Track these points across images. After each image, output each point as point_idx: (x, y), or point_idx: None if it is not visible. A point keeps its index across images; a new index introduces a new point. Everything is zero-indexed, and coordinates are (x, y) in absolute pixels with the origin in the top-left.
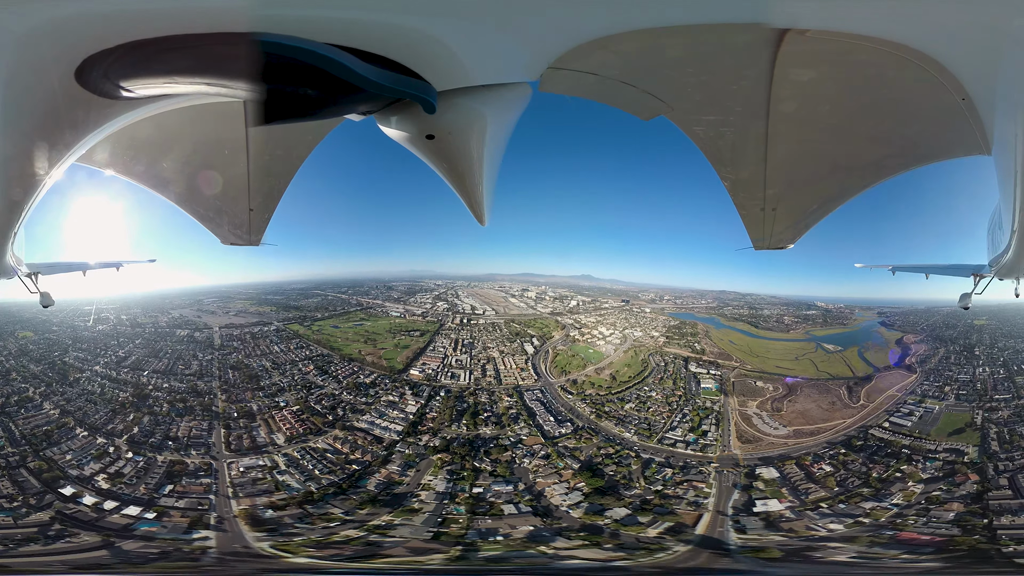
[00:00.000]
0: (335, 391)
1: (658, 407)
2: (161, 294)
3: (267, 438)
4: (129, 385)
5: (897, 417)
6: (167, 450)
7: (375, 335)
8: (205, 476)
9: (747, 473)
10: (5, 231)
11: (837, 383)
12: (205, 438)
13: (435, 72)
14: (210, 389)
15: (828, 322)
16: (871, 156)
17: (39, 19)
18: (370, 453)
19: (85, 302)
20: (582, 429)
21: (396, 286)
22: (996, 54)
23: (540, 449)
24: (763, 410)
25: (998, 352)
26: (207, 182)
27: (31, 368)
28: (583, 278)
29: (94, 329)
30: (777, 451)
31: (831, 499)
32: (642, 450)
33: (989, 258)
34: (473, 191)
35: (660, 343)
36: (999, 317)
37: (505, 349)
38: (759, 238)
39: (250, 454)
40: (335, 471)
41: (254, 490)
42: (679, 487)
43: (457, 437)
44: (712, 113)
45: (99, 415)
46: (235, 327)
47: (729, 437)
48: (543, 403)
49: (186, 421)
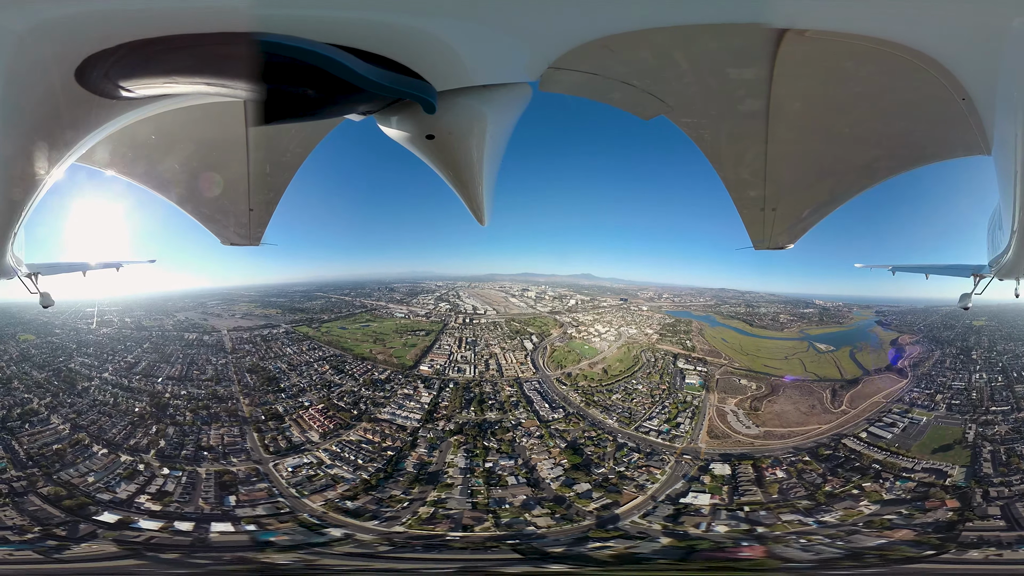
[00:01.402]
0: (354, 388)
1: (642, 399)
2: (163, 295)
3: (302, 437)
4: (144, 394)
5: (878, 427)
6: (205, 461)
7: (383, 335)
8: (260, 480)
9: (702, 467)
10: (5, 231)
11: (823, 385)
12: (240, 444)
13: (435, 72)
14: (231, 394)
15: (824, 321)
16: (871, 156)
17: (39, 19)
18: (399, 440)
19: (86, 303)
20: (572, 415)
21: (398, 287)
22: (996, 54)
23: (536, 431)
24: (741, 408)
25: (996, 356)
26: (207, 182)
27: (34, 375)
28: (583, 277)
29: (98, 332)
30: (740, 449)
31: (759, 505)
32: (619, 435)
33: (989, 258)
34: (473, 191)
35: (653, 340)
36: (999, 318)
37: (506, 346)
38: (759, 238)
39: (291, 454)
40: (375, 459)
41: (316, 486)
42: (638, 471)
43: (468, 421)
44: (712, 113)
45: (116, 429)
46: (244, 330)
47: (700, 431)
48: (540, 392)
49: (215, 429)
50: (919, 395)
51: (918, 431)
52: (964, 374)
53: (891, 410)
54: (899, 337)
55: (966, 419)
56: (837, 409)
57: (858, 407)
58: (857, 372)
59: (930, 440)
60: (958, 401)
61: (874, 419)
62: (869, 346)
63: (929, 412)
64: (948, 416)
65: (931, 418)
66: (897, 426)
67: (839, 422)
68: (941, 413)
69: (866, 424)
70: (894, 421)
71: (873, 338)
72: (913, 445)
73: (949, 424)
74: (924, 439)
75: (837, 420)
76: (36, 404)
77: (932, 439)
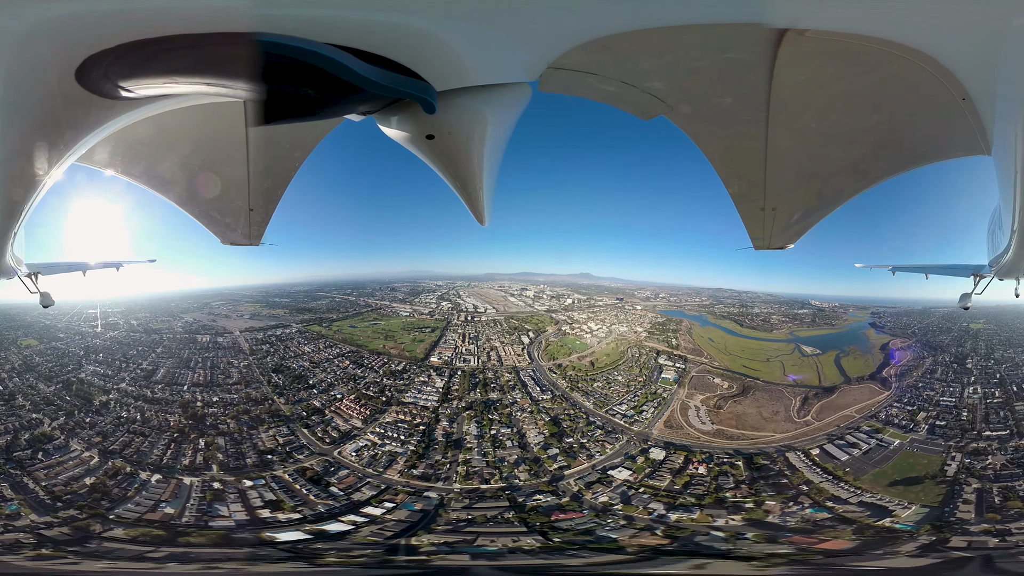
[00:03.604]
0: (376, 379)
1: (619, 388)
2: (164, 296)
3: (348, 425)
4: (174, 405)
5: (837, 445)
6: (277, 465)
7: (392, 333)
8: (338, 468)
9: (643, 449)
10: (5, 231)
11: (796, 391)
12: (295, 440)
13: (435, 72)
14: (264, 395)
15: (816, 322)
16: (871, 156)
17: (39, 19)
18: (425, 417)
19: (87, 303)
20: (558, 396)
21: (399, 287)
22: (996, 54)
23: (528, 407)
24: (704, 405)
25: (994, 366)
26: (207, 182)
27: (41, 389)
28: (582, 276)
29: (105, 336)
30: (685, 441)
31: (653, 490)
32: (591, 415)
33: (989, 258)
34: (473, 191)
35: (641, 337)
36: (998, 320)
37: (505, 340)
38: (759, 238)
39: (345, 441)
40: (413, 433)
41: (382, 463)
42: (595, 444)
43: (475, 400)
44: (712, 113)
45: (158, 449)
46: (256, 330)
47: (659, 420)
48: (533, 379)
49: (264, 431)
50: (898, 412)
51: (883, 456)
52: (956, 387)
53: (860, 427)
54: (890, 341)
55: (950, 446)
56: (800, 419)
57: (824, 419)
58: (838, 379)
59: (894, 469)
60: (943, 422)
61: (836, 435)
62: (857, 350)
63: (905, 434)
64: (927, 441)
65: (905, 441)
66: (859, 447)
67: (795, 433)
68: (920, 436)
69: (825, 440)
70: (857, 441)
71: (864, 341)
72: (868, 472)
73: (926, 451)
74: (887, 467)
75: (795, 431)
76: (48, 426)
77: (898, 468)
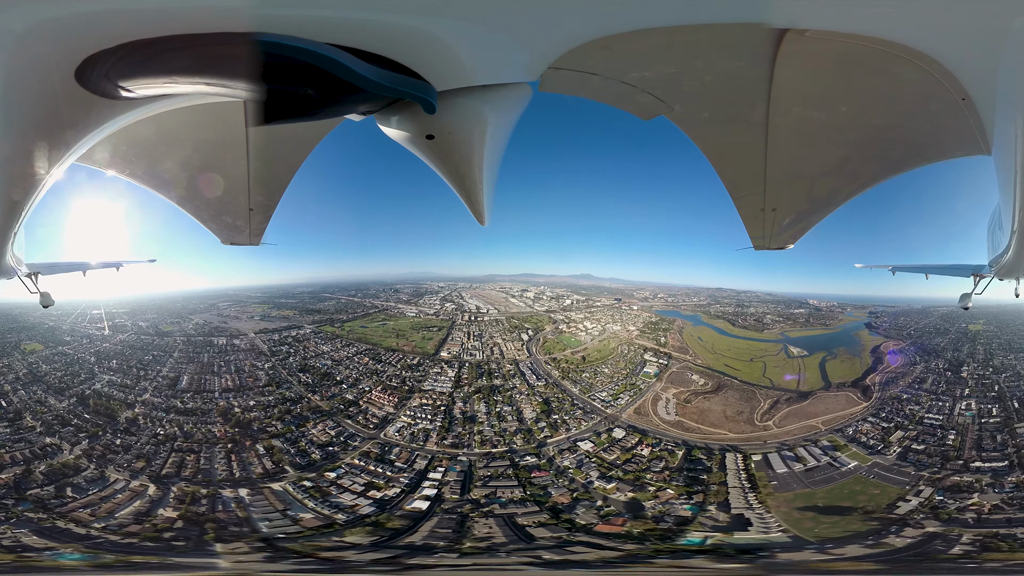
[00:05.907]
0: (396, 372)
1: (603, 378)
2: (166, 296)
3: (383, 412)
4: (212, 414)
5: (783, 456)
6: (343, 455)
7: (402, 332)
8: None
9: (608, 429)
10: (5, 231)
11: (768, 393)
12: (344, 430)
13: (435, 72)
14: (298, 395)
15: (810, 322)
16: (871, 156)
17: (39, 19)
18: (443, 400)
19: (88, 304)
20: (550, 383)
21: (402, 289)
22: (996, 54)
23: (525, 391)
24: (675, 398)
25: (992, 375)
26: (207, 182)
27: (52, 404)
28: (583, 277)
29: (114, 339)
30: (645, 426)
31: (600, 460)
32: (575, 399)
33: (989, 258)
34: (473, 191)
35: (633, 336)
36: (998, 321)
37: (506, 338)
38: (759, 238)
39: (386, 425)
40: (437, 413)
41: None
42: (575, 420)
43: (482, 386)
44: (712, 113)
45: (219, 463)
46: (271, 332)
47: (629, 407)
48: (531, 369)
49: (312, 428)
50: (870, 428)
51: (825, 477)
52: (946, 401)
53: (818, 441)
54: (882, 344)
55: (920, 476)
56: (760, 423)
57: (784, 427)
58: (819, 384)
59: (827, 494)
60: (921, 446)
61: (788, 446)
62: (846, 353)
63: (868, 456)
64: (894, 468)
65: (865, 465)
66: (805, 462)
67: (749, 436)
68: (886, 460)
69: (774, 449)
70: (808, 456)
71: (855, 343)
72: (791, 491)
73: (886, 480)
74: (820, 490)
75: (750, 434)
76: (69, 454)
77: (832, 494)
